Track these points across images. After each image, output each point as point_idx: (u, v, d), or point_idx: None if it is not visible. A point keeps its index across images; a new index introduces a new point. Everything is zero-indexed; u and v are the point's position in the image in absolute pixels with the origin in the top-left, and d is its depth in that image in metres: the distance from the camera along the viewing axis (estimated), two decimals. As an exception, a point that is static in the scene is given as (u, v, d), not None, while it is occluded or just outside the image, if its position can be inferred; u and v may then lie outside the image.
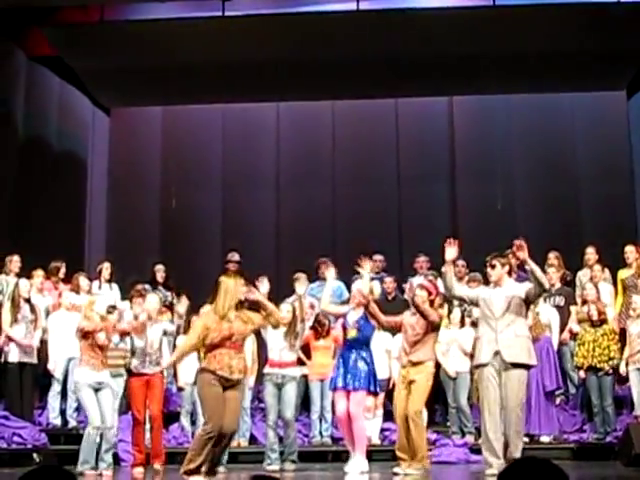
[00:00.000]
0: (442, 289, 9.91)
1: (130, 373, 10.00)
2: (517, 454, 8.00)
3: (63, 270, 12.69)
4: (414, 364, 9.06)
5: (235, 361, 7.76)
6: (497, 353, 8.19)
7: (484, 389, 8.27)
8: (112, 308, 11.66)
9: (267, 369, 10.16)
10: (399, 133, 16.49)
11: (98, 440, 9.54)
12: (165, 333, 10.11)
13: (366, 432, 9.92)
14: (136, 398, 9.84)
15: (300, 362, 10.96)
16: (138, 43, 14.05)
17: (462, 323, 11.67)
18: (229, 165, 16.69)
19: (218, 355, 7.72)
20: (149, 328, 9.92)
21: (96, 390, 9.57)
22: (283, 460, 10.07)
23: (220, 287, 7.88)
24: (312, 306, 12.05)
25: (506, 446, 8.11)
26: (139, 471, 9.69)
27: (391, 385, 10.99)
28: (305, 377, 11.50)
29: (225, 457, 10.02)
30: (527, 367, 8.33)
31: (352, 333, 9.53)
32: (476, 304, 8.70)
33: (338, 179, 16.50)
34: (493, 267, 8.61)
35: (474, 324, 10.71)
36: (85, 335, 9.61)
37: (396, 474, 8.79)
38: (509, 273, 8.71)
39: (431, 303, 9.30)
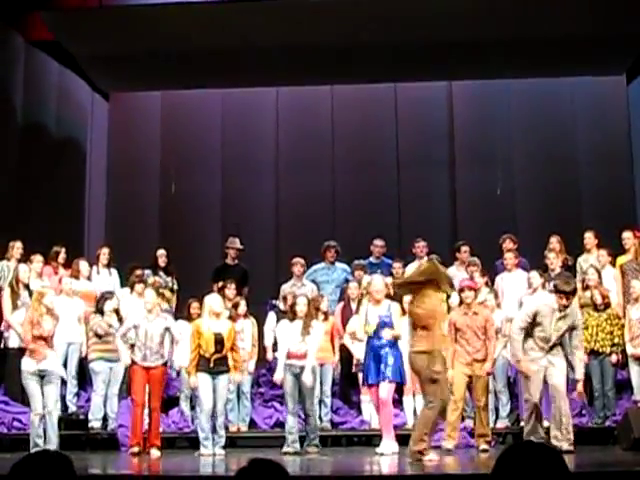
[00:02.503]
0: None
1: (133, 362, 10.28)
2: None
3: (63, 255, 12.66)
4: (479, 360, 10.10)
5: None
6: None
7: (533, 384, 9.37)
8: (109, 294, 11.71)
9: (287, 361, 10.31)
10: (398, 118, 16.46)
11: (42, 425, 9.90)
12: (167, 329, 10.35)
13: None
14: (136, 383, 10.18)
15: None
16: (137, 28, 14.02)
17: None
18: (228, 150, 16.66)
19: None
20: (149, 322, 10.18)
21: (41, 377, 9.97)
22: (307, 445, 10.22)
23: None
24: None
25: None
26: (134, 450, 10.07)
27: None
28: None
29: (222, 440, 10.11)
30: None
31: (372, 328, 9.78)
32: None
33: (337, 164, 16.48)
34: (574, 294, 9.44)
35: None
36: (32, 326, 10.01)
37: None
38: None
39: (476, 295, 10.46)
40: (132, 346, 10.28)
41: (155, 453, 10.08)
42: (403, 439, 9.79)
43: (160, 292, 11.74)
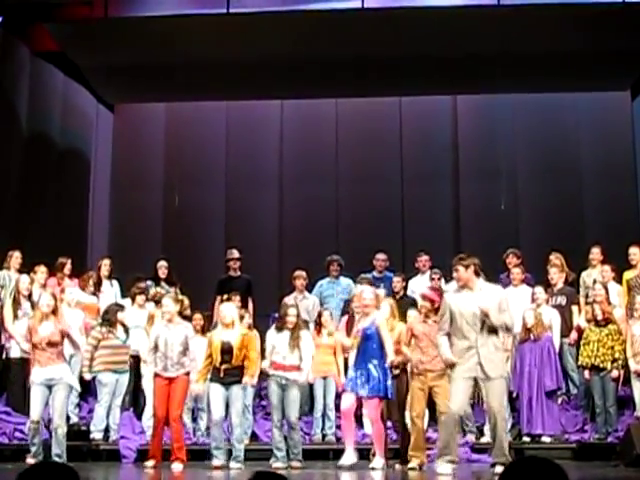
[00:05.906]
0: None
1: (155, 373, 10.04)
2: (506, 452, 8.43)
3: (69, 266, 12.61)
4: (431, 371, 9.45)
5: None
6: (479, 364, 8.42)
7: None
8: (119, 306, 11.66)
9: (272, 371, 10.11)
10: (403, 131, 16.48)
11: (35, 434, 9.67)
12: (187, 338, 10.03)
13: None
14: (157, 396, 9.92)
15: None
16: (142, 40, 14.06)
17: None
18: (232, 162, 16.69)
19: None
20: (170, 331, 9.97)
21: (49, 387, 9.68)
22: (289, 460, 9.99)
23: None
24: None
25: None
26: (150, 464, 9.79)
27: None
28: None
29: (241, 454, 9.97)
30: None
31: (356, 340, 9.74)
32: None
33: (341, 177, 16.49)
34: (456, 271, 8.71)
35: None
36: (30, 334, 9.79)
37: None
38: (476, 274, 8.71)
39: (436, 310, 9.50)
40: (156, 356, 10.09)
41: (177, 467, 9.66)
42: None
43: (179, 299, 11.45)
